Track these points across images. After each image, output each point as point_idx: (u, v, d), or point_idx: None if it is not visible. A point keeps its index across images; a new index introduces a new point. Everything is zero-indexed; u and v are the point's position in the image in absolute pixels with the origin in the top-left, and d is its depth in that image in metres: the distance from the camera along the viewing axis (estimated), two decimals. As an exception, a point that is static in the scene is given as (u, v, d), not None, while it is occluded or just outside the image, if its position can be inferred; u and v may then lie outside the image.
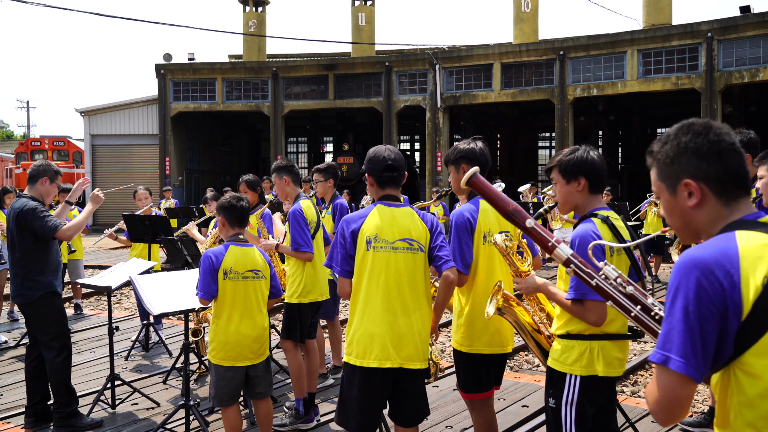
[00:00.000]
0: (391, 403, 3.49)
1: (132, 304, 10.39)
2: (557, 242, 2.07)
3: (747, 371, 1.49)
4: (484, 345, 3.60)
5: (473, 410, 3.79)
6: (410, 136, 34.76)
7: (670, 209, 1.70)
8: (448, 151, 3.80)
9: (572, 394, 2.86)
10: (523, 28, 22.68)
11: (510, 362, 7.04)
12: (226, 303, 4.04)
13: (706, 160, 1.61)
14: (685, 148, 1.64)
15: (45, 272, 4.82)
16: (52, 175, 4.98)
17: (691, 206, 1.64)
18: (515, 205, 2.21)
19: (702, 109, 19.47)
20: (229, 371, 4.05)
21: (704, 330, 1.47)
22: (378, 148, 3.52)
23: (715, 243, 1.54)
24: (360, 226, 3.36)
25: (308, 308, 5.05)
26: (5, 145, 47.55)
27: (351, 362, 3.34)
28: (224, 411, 4.13)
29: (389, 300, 3.30)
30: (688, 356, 1.47)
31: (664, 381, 1.50)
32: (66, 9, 36.08)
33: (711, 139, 1.62)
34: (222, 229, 4.24)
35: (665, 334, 1.51)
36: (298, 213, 4.91)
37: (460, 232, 3.54)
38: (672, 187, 1.67)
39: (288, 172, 5.20)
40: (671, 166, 1.66)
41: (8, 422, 5.11)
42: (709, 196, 1.62)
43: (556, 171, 3.03)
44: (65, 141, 28.74)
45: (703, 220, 1.64)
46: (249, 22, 26.46)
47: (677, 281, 1.51)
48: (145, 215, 7.51)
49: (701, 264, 1.49)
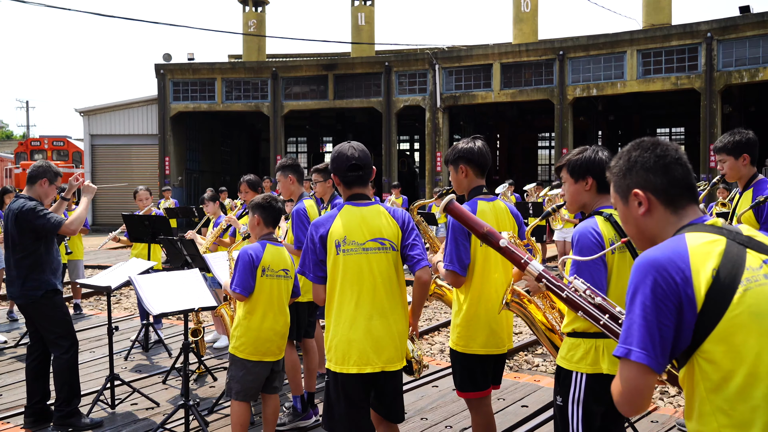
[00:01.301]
0: (374, 401, 3.49)
1: (132, 304, 10.39)
2: (529, 259, 2.17)
3: (708, 359, 1.61)
4: (479, 346, 3.61)
5: (471, 409, 3.80)
6: (410, 136, 34.76)
7: (625, 219, 1.88)
8: (448, 151, 3.80)
9: (579, 392, 2.88)
10: (522, 28, 22.68)
11: (510, 362, 7.04)
12: (262, 299, 4.12)
13: (653, 173, 1.80)
14: (635, 162, 1.83)
15: (46, 271, 4.82)
16: (52, 177, 4.96)
17: (641, 214, 1.81)
18: (489, 227, 2.33)
19: (701, 109, 19.48)
20: (258, 366, 4.15)
21: (661, 323, 1.60)
22: (341, 147, 3.46)
23: (667, 244, 1.68)
24: (328, 230, 3.31)
25: (305, 307, 5.06)
26: (5, 145, 47.51)
27: (332, 369, 3.33)
28: (239, 405, 4.16)
29: (364, 303, 3.27)
30: (647, 348, 1.59)
31: (626, 373, 1.62)
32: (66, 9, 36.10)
33: (657, 153, 1.81)
34: (256, 227, 4.29)
35: (626, 329, 1.64)
36: (302, 212, 4.92)
37: (457, 234, 3.53)
38: (625, 197, 1.85)
39: (293, 171, 5.22)
40: (624, 178, 1.85)
41: (8, 422, 5.11)
42: (656, 204, 1.79)
43: (565, 170, 3.07)
44: (65, 141, 28.71)
45: (654, 227, 1.81)
46: (249, 22, 26.45)
47: (635, 281, 1.65)
48: (145, 215, 7.51)
49: (656, 263, 1.63)
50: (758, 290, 1.62)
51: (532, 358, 7.27)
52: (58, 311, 4.88)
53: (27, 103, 56.86)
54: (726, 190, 9.92)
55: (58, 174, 5.03)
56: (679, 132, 31.89)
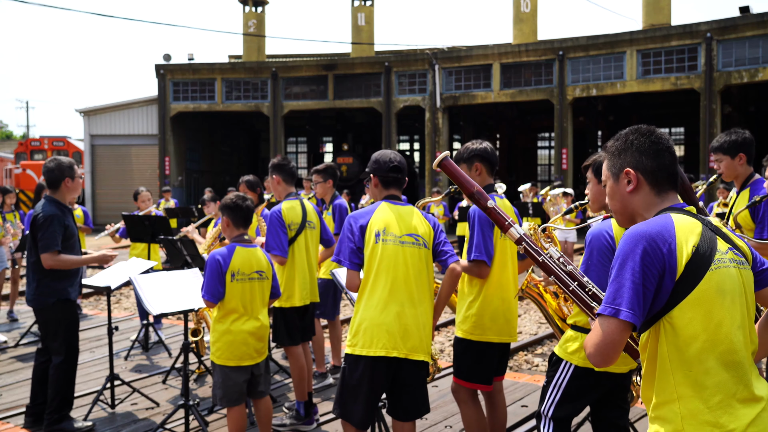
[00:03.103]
0: (391, 397, 3.53)
1: (131, 304, 10.39)
2: (512, 223, 2.29)
3: (674, 324, 1.83)
4: (494, 334, 3.77)
5: (461, 402, 3.86)
6: (409, 136, 34.77)
7: (612, 194, 2.08)
8: (460, 150, 3.96)
9: (563, 378, 3.05)
10: (522, 29, 22.68)
11: (509, 362, 7.05)
12: (233, 304, 4.05)
13: (645, 155, 2.00)
14: (631, 143, 2.03)
15: (59, 278, 4.72)
16: (71, 173, 4.84)
17: (629, 191, 2.02)
18: (479, 187, 2.47)
19: (701, 109, 19.49)
20: (236, 371, 4.07)
21: (646, 288, 1.81)
22: (384, 151, 3.69)
23: (656, 220, 1.91)
24: (368, 221, 3.50)
25: (293, 312, 4.98)
26: (5, 145, 47.53)
27: (356, 353, 3.40)
28: (231, 411, 4.13)
29: (397, 290, 3.41)
30: (634, 308, 1.80)
31: (608, 328, 1.82)
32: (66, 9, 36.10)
33: (652, 140, 2.02)
34: (226, 229, 4.21)
35: (614, 291, 1.83)
36: (275, 215, 4.88)
37: (484, 225, 3.70)
38: (616, 175, 2.05)
39: (279, 171, 5.12)
40: (618, 157, 2.05)
41: (8, 422, 5.11)
42: (643, 184, 2.00)
43: (591, 171, 3.19)
44: (64, 141, 28.69)
45: (637, 204, 2.02)
46: (248, 22, 26.46)
47: (626, 249, 1.85)
48: (145, 215, 7.51)
49: (646, 235, 1.85)
50: (725, 270, 1.87)
51: (532, 358, 7.28)
52: (65, 321, 4.78)
53: (27, 103, 56.96)
54: (726, 190, 9.93)
55: (73, 165, 4.90)
56: (678, 132, 31.88)
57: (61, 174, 4.80)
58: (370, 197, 3.69)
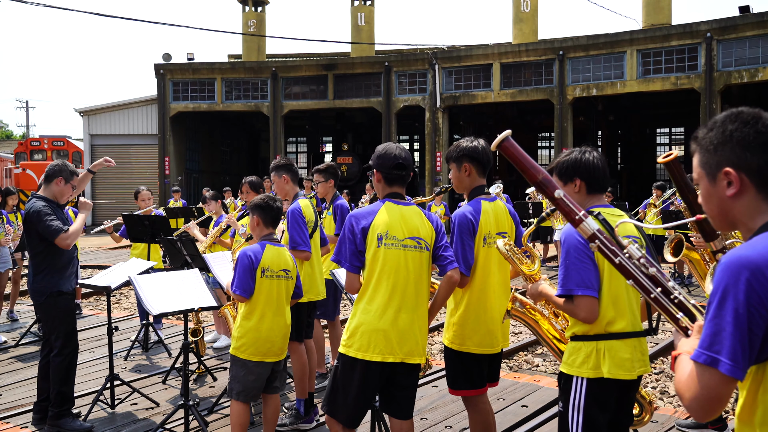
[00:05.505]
0: (384, 396, 3.52)
1: (131, 304, 10.39)
2: (585, 216, 1.98)
3: None
4: (474, 345, 3.65)
5: (468, 407, 3.82)
6: (409, 136, 34.78)
7: (708, 197, 1.66)
8: (450, 148, 3.80)
9: (579, 398, 2.82)
10: (522, 28, 22.69)
11: (509, 362, 7.05)
12: (261, 300, 4.14)
13: (750, 151, 1.57)
14: (730, 136, 1.60)
15: (53, 273, 4.87)
16: (68, 176, 5.01)
17: (729, 195, 1.60)
18: (545, 174, 2.12)
19: (701, 109, 19.49)
20: (259, 366, 4.16)
21: (753, 332, 1.45)
22: (389, 146, 3.54)
23: (762, 241, 1.49)
24: (370, 223, 3.38)
25: (305, 308, 5.06)
26: (5, 145, 47.52)
27: (351, 354, 3.35)
28: (238, 406, 4.16)
29: (396, 296, 3.35)
30: (737, 359, 1.45)
31: (708, 381, 1.49)
32: (66, 9, 36.06)
33: (759, 129, 1.58)
34: (256, 228, 4.30)
35: (712, 334, 1.49)
36: (297, 212, 4.92)
37: (463, 233, 3.58)
38: (712, 174, 1.63)
39: (287, 171, 5.21)
40: (714, 153, 1.62)
41: (8, 422, 5.11)
42: (748, 187, 1.58)
43: (555, 173, 3.07)
44: (64, 141, 28.67)
45: (741, 212, 1.60)
46: (248, 22, 26.46)
47: (725, 281, 1.48)
48: (145, 215, 7.50)
49: (750, 264, 1.46)
50: None
51: (532, 358, 7.27)
52: (59, 312, 4.89)
53: (27, 103, 56.83)
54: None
55: (74, 173, 5.07)
56: (678, 132, 31.91)
57: (58, 172, 4.99)
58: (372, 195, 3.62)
